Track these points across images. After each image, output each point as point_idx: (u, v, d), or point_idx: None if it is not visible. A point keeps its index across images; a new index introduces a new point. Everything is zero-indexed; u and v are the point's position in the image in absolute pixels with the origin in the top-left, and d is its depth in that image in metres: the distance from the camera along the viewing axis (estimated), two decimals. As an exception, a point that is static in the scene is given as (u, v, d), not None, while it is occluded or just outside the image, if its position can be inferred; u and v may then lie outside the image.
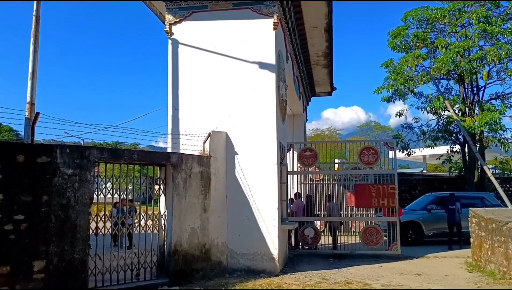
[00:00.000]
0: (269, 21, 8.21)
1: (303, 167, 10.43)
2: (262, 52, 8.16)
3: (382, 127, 44.23)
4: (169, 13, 8.63)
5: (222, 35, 8.41)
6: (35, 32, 6.17)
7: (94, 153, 5.69)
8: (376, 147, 10.19)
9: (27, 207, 4.97)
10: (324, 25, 11.49)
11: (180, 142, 7.85)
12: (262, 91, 8.07)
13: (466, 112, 16.84)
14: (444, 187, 17.92)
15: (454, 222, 11.35)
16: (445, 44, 16.56)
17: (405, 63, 17.17)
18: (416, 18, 17.75)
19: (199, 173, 7.39)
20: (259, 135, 7.96)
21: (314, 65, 14.81)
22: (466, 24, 17.00)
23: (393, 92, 18.17)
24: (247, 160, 7.96)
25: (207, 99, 8.28)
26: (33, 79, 6.10)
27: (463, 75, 16.53)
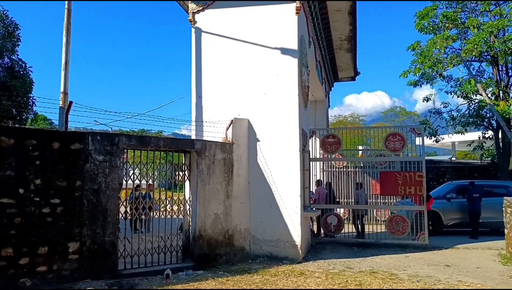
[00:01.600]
0: (291, 6, 8.18)
1: (326, 154, 10.42)
2: (284, 37, 8.16)
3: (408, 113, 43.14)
4: (193, 2, 8.73)
5: (244, 21, 8.44)
6: (67, 25, 6.43)
7: (123, 140, 5.93)
8: (402, 133, 10.01)
9: (62, 192, 5.28)
10: (348, 8, 11.29)
11: (204, 129, 8.01)
12: (284, 77, 8.10)
13: (500, 95, 16.20)
14: (475, 175, 17.39)
15: (476, 211, 11.08)
16: (477, 24, 15.88)
17: (433, 45, 16.63)
18: (445, -3, 17.12)
19: (222, 159, 7.55)
20: (281, 122, 8.02)
21: (337, 50, 14.61)
22: (500, 2, 16.24)
23: (420, 76, 17.67)
24: (269, 147, 8.05)
25: (229, 86, 8.39)
26: (66, 70, 6.38)
27: (497, 56, 15.84)
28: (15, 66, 13.04)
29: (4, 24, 12.98)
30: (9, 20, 13.13)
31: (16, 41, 13.22)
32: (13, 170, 4.92)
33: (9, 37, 12.93)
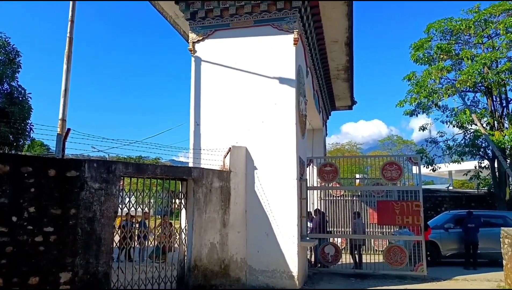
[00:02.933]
0: (289, 37, 8.35)
1: (323, 182, 10.39)
2: (283, 67, 8.29)
3: (404, 142, 43.39)
4: (193, 32, 8.90)
5: (243, 51, 8.60)
6: (68, 53, 6.50)
7: (120, 168, 5.89)
8: (399, 162, 10.03)
9: (56, 220, 5.19)
10: (345, 39, 11.55)
11: (201, 156, 8.01)
12: (282, 106, 8.17)
13: (494, 125, 16.38)
14: (472, 205, 17.36)
15: (472, 241, 10.98)
16: (471, 55, 16.25)
17: (428, 76, 16.94)
18: (439, 30, 17.55)
19: (219, 187, 7.50)
20: (278, 150, 8.03)
21: (334, 79, 14.84)
22: (493, 35, 16.66)
23: (416, 106, 17.93)
24: (267, 175, 8.03)
25: (228, 114, 8.44)
26: (65, 97, 6.41)
27: (490, 87, 16.13)
28: (15, 92, 13.13)
29: (6, 51, 13.15)
30: (10, 47, 13.33)
31: (17, 67, 13.37)
32: (7, 198, 4.84)
33: (9, 63, 13.08)
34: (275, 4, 8.41)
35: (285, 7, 8.37)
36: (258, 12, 8.54)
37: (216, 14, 8.77)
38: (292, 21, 8.35)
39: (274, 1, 8.38)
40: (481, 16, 16.39)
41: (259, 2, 8.46)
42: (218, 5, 8.70)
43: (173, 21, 10.66)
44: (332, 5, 9.49)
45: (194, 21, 8.96)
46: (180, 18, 10.22)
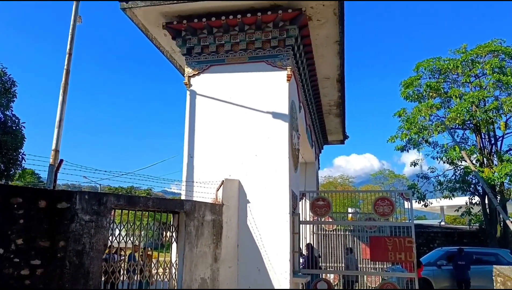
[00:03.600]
0: (282, 73, 8.57)
1: (316, 216, 10.35)
2: (276, 102, 8.45)
3: (396, 176, 43.72)
4: (189, 66, 9.10)
5: (238, 85, 8.78)
6: (65, 84, 6.60)
7: (111, 200, 5.85)
8: (391, 198, 10.07)
9: (44, 253, 5.08)
10: (336, 76, 11.88)
11: (194, 189, 7.99)
12: (275, 140, 8.26)
13: (484, 162, 16.65)
14: (464, 241, 17.36)
15: (463, 279, 10.90)
16: (459, 94, 16.75)
17: (418, 113, 17.35)
18: (428, 69, 18.14)
19: (211, 221, 7.44)
20: (271, 184, 8.05)
21: (327, 114, 15.11)
22: (480, 75, 17.24)
23: (407, 141, 18.23)
24: (259, 209, 8.00)
25: (221, 147, 8.51)
26: (59, 128, 6.44)
27: (479, 125, 16.52)
28: (8, 121, 13.12)
29: (2, 80, 13.25)
30: (7, 77, 13.44)
31: (12, 97, 13.44)
32: (-5, 229, 4.77)
33: (5, 93, 13.15)
34: (269, 42, 8.69)
35: (279, 45, 8.63)
36: (252, 49, 8.80)
37: (212, 50, 9.01)
38: (285, 58, 8.59)
39: (268, 39, 8.66)
40: (468, 56, 17.02)
41: (253, 40, 8.73)
42: (214, 41, 8.95)
43: (170, 55, 10.92)
44: (324, 44, 9.83)
45: (190, 56, 9.17)
46: (177, 53, 10.47)
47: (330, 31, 9.22)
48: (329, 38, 9.60)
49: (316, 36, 9.42)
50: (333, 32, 9.30)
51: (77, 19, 7.44)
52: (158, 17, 8.96)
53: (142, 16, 8.95)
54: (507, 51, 16.53)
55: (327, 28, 9.10)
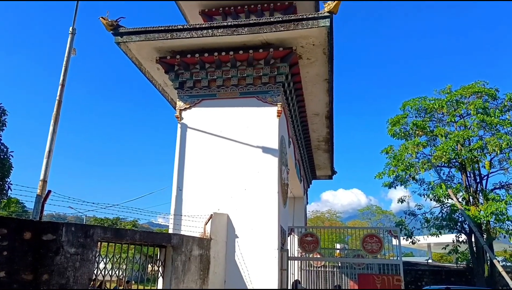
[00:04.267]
0: (273, 109, 8.74)
1: (304, 252, 10.26)
2: (266, 137, 8.56)
3: (383, 212, 43.77)
4: (181, 100, 9.23)
5: (229, 120, 8.90)
6: (56, 115, 6.62)
7: (98, 232, 5.75)
8: (379, 235, 10.08)
9: (27, 286, 4.93)
10: (325, 113, 12.13)
11: (182, 223, 7.90)
12: (265, 175, 8.31)
13: (470, 201, 16.82)
14: (451, 279, 17.26)
15: None
16: (445, 133, 17.13)
17: (405, 150, 17.62)
18: (414, 108, 18.60)
19: (199, 256, 7.33)
20: (260, 219, 8.02)
21: (315, 149, 15.29)
22: (464, 115, 17.72)
23: (394, 178, 18.39)
24: (248, 244, 7.92)
25: (211, 181, 8.50)
26: (48, 158, 6.41)
27: (464, 163, 16.81)
28: (-4, 150, 12.93)
29: (-8, 109, 13.17)
30: (-3, 106, 13.36)
31: (1, 126, 13.32)
32: (-24, 261, 4.63)
33: (-6, 122, 13.04)
34: (260, 78, 8.91)
35: (269, 82, 8.85)
36: (244, 85, 9.00)
37: (204, 84, 9.19)
38: (276, 94, 8.80)
39: (259, 76, 8.88)
40: (453, 97, 17.56)
41: (245, 76, 8.95)
42: (206, 76, 9.15)
43: (162, 88, 11.07)
44: (313, 82, 10.11)
45: (182, 90, 9.32)
46: (169, 86, 10.64)
47: (319, 69, 9.52)
48: (319, 76, 9.89)
49: (306, 74, 9.70)
50: (322, 71, 9.60)
51: (72, 51, 7.58)
52: (152, 51, 9.17)
53: (136, 50, 9.15)
54: (490, 93, 17.12)
55: (317, 67, 9.40)
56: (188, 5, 11.34)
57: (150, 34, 8.55)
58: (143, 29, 8.58)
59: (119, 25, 8.68)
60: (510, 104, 16.99)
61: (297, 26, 7.91)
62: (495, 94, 17.31)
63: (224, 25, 8.31)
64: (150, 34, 8.56)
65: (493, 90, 17.35)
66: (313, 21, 7.84)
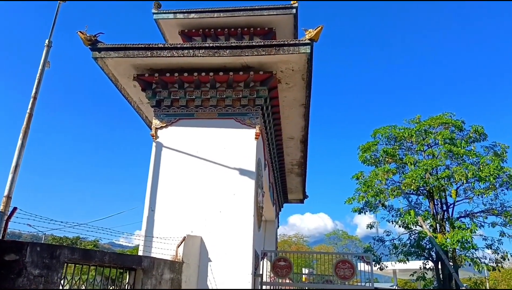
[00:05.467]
0: (251, 131, 8.73)
1: (277, 277, 10.09)
2: (243, 159, 8.51)
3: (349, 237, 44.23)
4: (157, 118, 9.08)
5: (206, 140, 8.80)
6: (26, 128, 6.34)
7: (65, 253, 5.44)
8: (352, 261, 10.08)
9: (-17, 311, 4.56)
10: (300, 137, 12.26)
11: (153, 245, 7.64)
12: (241, 197, 8.21)
13: (437, 228, 17.20)
14: (419, 306, 17.38)
15: None
16: (414, 161, 17.59)
17: (375, 177, 17.94)
18: (384, 136, 19.08)
19: (170, 280, 7.06)
20: (235, 242, 7.86)
21: (288, 173, 15.36)
22: (432, 144, 18.31)
23: (364, 204, 18.62)
24: (221, 268, 7.71)
25: (185, 202, 8.31)
26: (14, 173, 6.09)
27: (432, 191, 17.24)
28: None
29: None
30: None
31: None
32: None
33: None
34: (239, 100, 8.92)
35: (248, 104, 8.88)
36: (222, 106, 8.98)
37: (182, 104, 9.10)
38: (254, 117, 8.81)
39: (238, 98, 8.90)
40: (422, 127, 18.17)
41: (224, 97, 8.94)
42: (184, 96, 9.08)
43: (137, 106, 10.88)
44: (290, 106, 10.24)
45: (159, 108, 9.19)
46: (144, 104, 10.47)
47: (297, 94, 9.66)
48: (296, 101, 10.02)
49: (284, 98, 9.81)
50: (300, 96, 9.74)
51: (46, 64, 7.36)
52: (130, 68, 9.03)
53: (113, 66, 8.99)
54: (457, 124, 17.82)
55: (295, 92, 9.53)
56: (168, 24, 11.35)
57: (129, 51, 8.45)
58: (122, 46, 8.47)
59: (97, 40, 8.53)
60: (475, 135, 17.73)
61: (278, 51, 8.03)
62: (461, 125, 18.03)
63: (206, 46, 8.33)
64: (129, 51, 8.45)
65: (460, 122, 18.09)
66: (294, 47, 7.99)
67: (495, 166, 15.86)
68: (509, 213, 16.39)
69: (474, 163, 17.03)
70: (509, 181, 16.52)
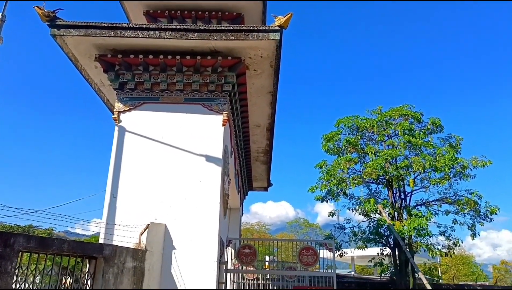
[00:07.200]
0: (219, 118, 8.58)
1: (241, 265, 10.12)
2: (210, 146, 8.36)
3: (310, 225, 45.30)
4: (120, 102, 8.71)
5: (171, 126, 8.56)
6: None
7: (20, 241, 5.11)
8: (315, 248, 10.26)
9: None
10: (267, 125, 12.24)
11: (115, 232, 7.37)
12: (207, 184, 8.08)
13: (395, 216, 17.85)
14: (375, 291, 18.09)
15: None
16: (375, 151, 18.07)
17: (337, 166, 18.28)
18: (347, 125, 19.44)
19: (133, 268, 6.85)
20: (200, 229, 7.75)
21: (254, 161, 15.35)
22: (392, 135, 18.87)
23: (326, 192, 18.98)
24: (186, 256, 7.59)
25: (149, 189, 8.07)
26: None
27: (391, 180, 17.84)
28: None
29: None
30: None
31: None
32: None
33: None
34: (206, 86, 8.72)
35: (216, 90, 8.70)
36: (189, 91, 8.75)
37: (146, 87, 8.78)
38: (222, 103, 8.66)
39: (206, 83, 8.70)
40: (383, 117, 18.66)
41: (191, 82, 8.71)
42: (149, 79, 8.75)
43: (98, 88, 10.40)
44: (258, 93, 10.15)
45: (122, 91, 8.82)
46: (106, 86, 10.03)
47: (265, 81, 9.58)
48: (264, 88, 9.94)
49: (251, 84, 9.70)
50: (267, 83, 9.67)
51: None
52: (91, 48, 8.58)
53: (73, 45, 8.50)
54: (416, 116, 18.45)
55: (263, 79, 9.45)
56: (133, 4, 10.87)
57: (91, 29, 8.00)
58: (84, 24, 8.01)
59: (56, 17, 8.01)
60: (432, 127, 18.46)
61: (247, 37, 7.89)
62: (420, 117, 18.69)
63: (173, 28, 8.04)
64: (91, 30, 8.01)
65: (418, 114, 18.74)
66: (263, 34, 7.87)
67: (450, 157, 16.60)
68: (461, 202, 17.26)
69: (431, 153, 17.74)
70: (462, 172, 17.38)
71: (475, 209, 16.93)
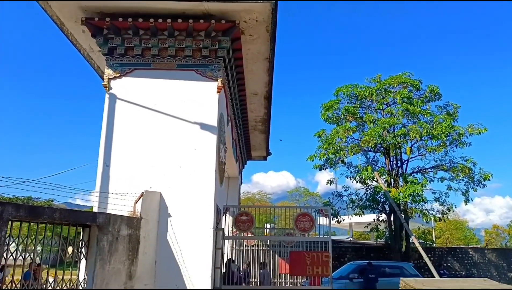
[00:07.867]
0: (213, 84, 8.34)
1: (239, 231, 10.17)
2: (205, 113, 8.17)
3: (311, 194, 45.83)
4: (110, 68, 8.43)
5: (164, 93, 8.33)
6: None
7: (9, 210, 5.03)
8: (311, 214, 10.30)
9: None
10: (264, 93, 11.98)
11: (109, 201, 7.31)
12: (202, 152, 7.95)
13: (391, 183, 17.97)
14: (371, 255, 18.44)
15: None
16: (373, 119, 17.99)
17: (336, 134, 18.25)
18: (346, 94, 19.26)
19: (128, 236, 6.84)
20: (196, 197, 7.69)
21: (252, 130, 15.18)
22: (391, 103, 18.73)
23: (324, 161, 19.01)
24: (181, 223, 7.57)
25: (143, 157, 7.94)
26: None
27: (389, 148, 17.86)
28: None
29: None
30: None
31: None
32: None
33: None
34: (200, 51, 8.42)
35: (210, 55, 8.42)
36: (182, 56, 8.46)
37: (137, 52, 8.47)
38: (216, 69, 8.40)
39: (199, 48, 8.39)
40: (382, 86, 18.43)
41: (183, 47, 8.41)
42: (139, 44, 8.44)
43: (87, 54, 10.07)
44: (254, 60, 9.85)
45: (111, 57, 8.51)
46: (95, 52, 9.70)
47: (261, 47, 9.26)
48: (260, 54, 9.63)
49: (247, 50, 9.38)
50: (264, 49, 9.35)
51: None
52: (77, 11, 8.17)
53: (57, 8, 8.11)
54: (415, 84, 18.25)
55: (259, 44, 9.13)
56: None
57: (76, -10, 7.62)
58: (69, -16, 7.62)
59: (39, -23, 7.62)
60: (431, 95, 18.27)
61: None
62: (418, 85, 18.47)
63: (163, -12, 7.66)
64: (76, -9, 7.63)
65: (417, 81, 18.51)
66: (258, -6, 7.51)
67: (447, 125, 16.53)
68: (456, 169, 17.34)
69: (428, 121, 17.67)
70: (458, 139, 17.34)
71: (469, 175, 17.04)
